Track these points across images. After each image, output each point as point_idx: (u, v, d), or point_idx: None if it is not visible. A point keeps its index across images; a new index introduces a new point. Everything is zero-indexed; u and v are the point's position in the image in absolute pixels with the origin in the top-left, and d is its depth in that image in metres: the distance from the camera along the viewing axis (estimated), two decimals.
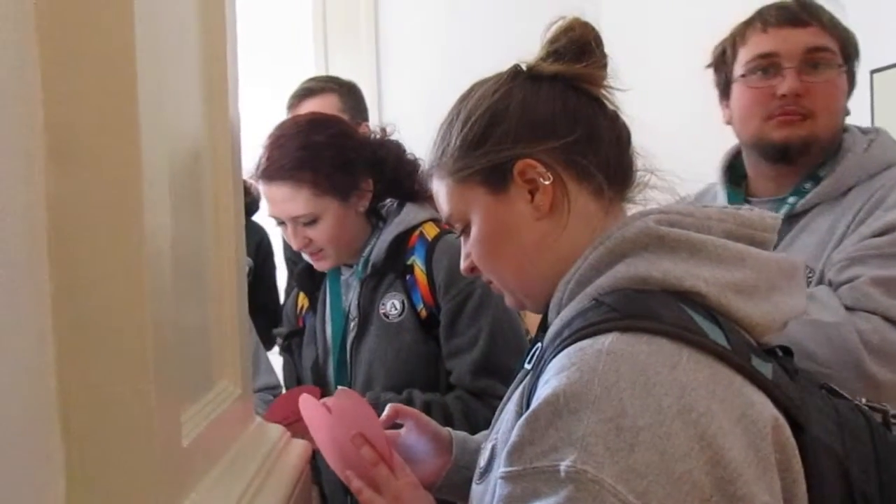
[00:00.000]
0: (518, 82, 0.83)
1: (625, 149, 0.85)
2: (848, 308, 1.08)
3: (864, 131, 1.26)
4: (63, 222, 0.51)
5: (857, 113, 2.05)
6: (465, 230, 0.85)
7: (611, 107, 0.85)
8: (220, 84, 0.77)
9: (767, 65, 1.22)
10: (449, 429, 1.05)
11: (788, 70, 1.20)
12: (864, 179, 1.20)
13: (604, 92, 0.84)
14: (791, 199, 1.23)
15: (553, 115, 0.81)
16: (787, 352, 0.82)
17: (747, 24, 1.26)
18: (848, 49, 1.22)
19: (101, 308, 0.52)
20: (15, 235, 0.47)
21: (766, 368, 0.72)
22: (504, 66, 0.87)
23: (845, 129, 1.26)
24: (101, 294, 0.52)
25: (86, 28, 0.51)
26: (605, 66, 0.84)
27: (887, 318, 1.08)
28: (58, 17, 0.50)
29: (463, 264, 0.87)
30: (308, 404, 0.99)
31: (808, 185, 1.22)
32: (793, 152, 1.21)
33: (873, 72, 2.05)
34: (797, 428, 0.70)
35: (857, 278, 1.10)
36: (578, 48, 0.82)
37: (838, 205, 1.20)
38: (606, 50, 0.85)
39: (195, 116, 0.72)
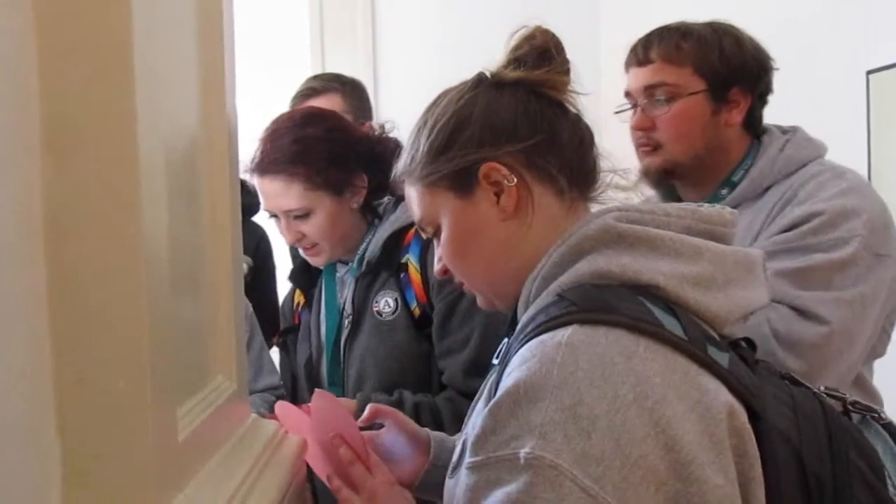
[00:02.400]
0: (482, 89, 0.87)
1: (587, 151, 0.88)
2: None
3: (783, 131, 1.31)
4: (59, 216, 0.50)
5: (853, 114, 2.07)
6: (437, 233, 0.88)
7: (573, 110, 0.88)
8: (217, 79, 0.77)
9: (631, 102, 1.33)
10: (427, 429, 1.06)
11: (637, 107, 1.30)
12: (780, 178, 1.26)
13: (567, 96, 0.87)
14: None
15: (515, 120, 0.84)
16: (751, 344, 0.85)
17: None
18: (710, 69, 1.26)
19: (97, 302, 0.52)
20: (10, 229, 0.47)
21: (723, 358, 0.75)
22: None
23: (765, 129, 1.32)
24: (97, 288, 0.52)
25: (83, 21, 0.50)
26: (566, 71, 0.87)
27: (793, 308, 1.15)
28: (55, 8, 0.50)
29: (436, 267, 0.91)
30: (285, 410, 1.01)
31: (724, 192, 1.29)
32: (663, 176, 1.30)
33: (869, 73, 2.06)
34: (753, 414, 0.73)
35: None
36: (539, 55, 0.86)
37: (755, 205, 1.26)
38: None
39: (192, 112, 0.72)
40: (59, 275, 0.50)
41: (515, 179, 0.83)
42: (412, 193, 0.89)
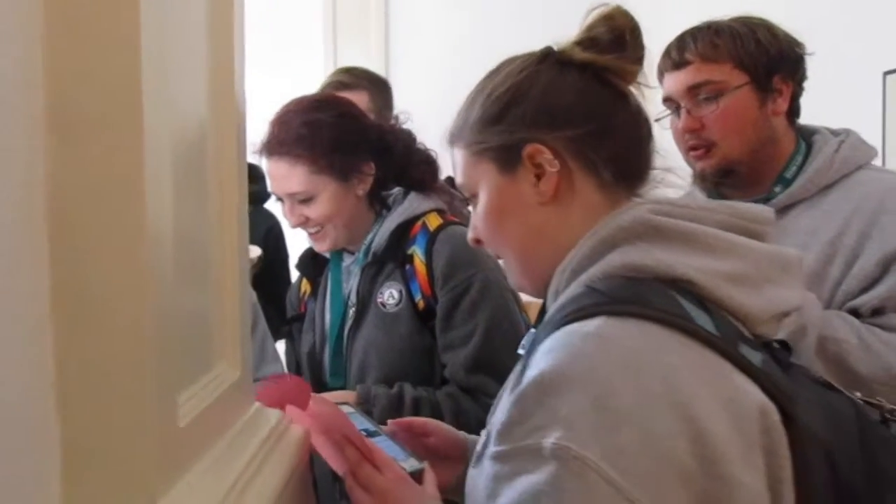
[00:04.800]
0: (546, 65, 0.84)
1: (643, 146, 0.85)
2: None
3: (834, 133, 1.31)
4: (63, 201, 0.50)
5: (869, 115, 2.05)
6: (473, 200, 0.86)
7: (636, 102, 0.85)
8: (226, 67, 0.77)
9: (673, 107, 1.31)
10: (463, 432, 1.05)
11: (682, 110, 1.29)
12: (838, 179, 1.25)
13: (631, 87, 0.84)
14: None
15: (571, 105, 0.82)
16: (786, 346, 0.83)
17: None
18: (751, 61, 1.26)
19: (99, 288, 0.51)
20: (13, 214, 0.47)
21: (756, 357, 0.73)
22: None
23: (814, 131, 1.32)
24: (100, 274, 0.51)
25: (90, 4, 0.50)
26: (638, 60, 0.84)
27: None
28: None
29: (470, 234, 0.89)
30: (297, 415, 1.01)
31: (777, 189, 1.28)
32: (722, 177, 1.29)
33: (886, 73, 2.04)
34: (785, 415, 0.71)
35: None
36: (614, 38, 0.82)
37: (817, 207, 1.26)
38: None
39: (200, 99, 0.72)
40: (62, 260, 0.50)
41: (558, 165, 0.80)
42: (458, 157, 0.88)
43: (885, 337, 1.15)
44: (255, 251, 1.96)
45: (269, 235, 2.22)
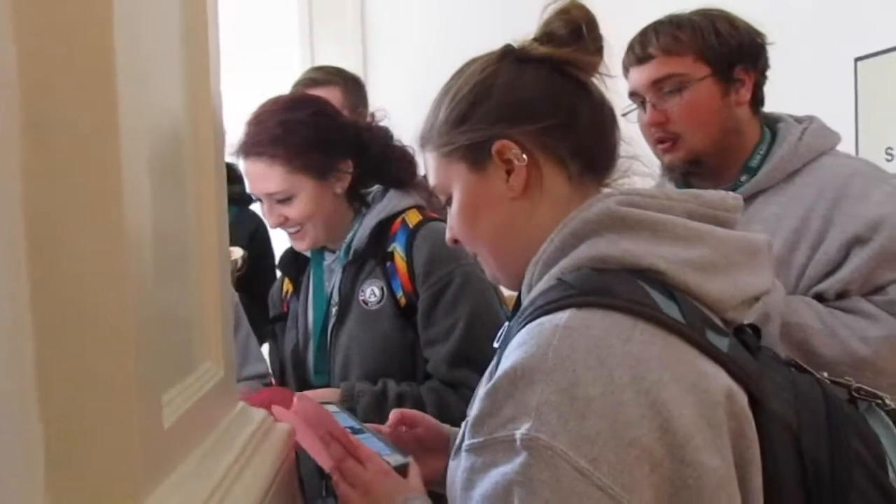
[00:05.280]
0: (506, 63, 0.85)
1: (607, 135, 0.87)
2: None
3: (798, 120, 1.33)
4: (40, 202, 0.50)
5: (841, 101, 2.07)
6: (449, 201, 0.88)
7: (598, 92, 0.86)
8: (202, 67, 0.77)
9: (638, 101, 1.32)
10: (448, 426, 1.06)
11: (648, 104, 1.30)
12: (802, 166, 1.27)
13: (593, 78, 0.85)
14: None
15: (534, 99, 0.83)
16: (756, 330, 0.86)
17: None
18: (712, 53, 1.27)
19: (80, 288, 0.51)
20: None
21: (722, 343, 0.75)
22: None
23: (779, 118, 1.34)
24: (80, 274, 0.51)
25: (63, 5, 0.50)
26: (597, 51, 0.85)
27: None
28: None
29: (447, 234, 0.91)
30: (283, 413, 1.01)
31: (744, 178, 1.30)
32: (690, 169, 1.30)
33: (857, 59, 2.06)
34: (753, 399, 0.73)
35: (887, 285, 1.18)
36: (570, 31, 0.83)
37: (782, 194, 1.28)
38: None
39: (176, 99, 0.72)
40: (41, 261, 0.50)
41: (526, 159, 0.82)
42: (429, 160, 0.89)
43: (848, 321, 1.17)
44: (238, 252, 1.95)
45: (254, 237, 2.21)
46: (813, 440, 0.74)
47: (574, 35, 0.83)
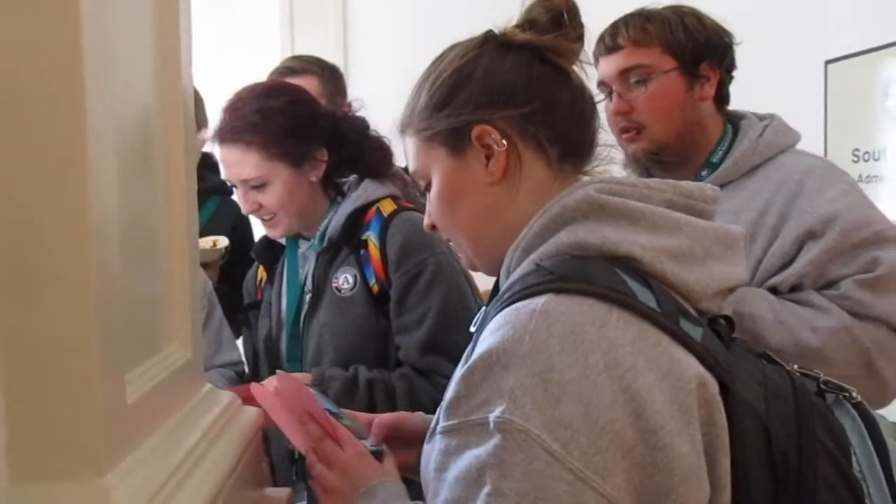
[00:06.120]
0: (487, 48, 0.86)
1: (587, 123, 0.88)
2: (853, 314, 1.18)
3: (760, 117, 1.36)
4: (5, 185, 0.51)
5: (811, 103, 2.11)
6: (428, 187, 0.88)
7: (578, 80, 0.87)
8: (172, 52, 0.77)
9: (606, 91, 1.34)
10: (421, 413, 1.07)
11: (614, 93, 1.32)
12: (762, 162, 1.30)
13: (574, 65, 0.87)
14: None
15: (514, 85, 0.84)
16: (730, 322, 0.87)
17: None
18: (679, 47, 1.30)
19: (46, 268, 0.53)
20: None
21: (696, 332, 0.76)
22: None
23: (742, 115, 1.37)
24: (45, 255, 0.52)
25: None
26: (578, 38, 0.86)
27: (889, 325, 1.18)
28: None
29: (426, 220, 0.91)
30: (260, 391, 1.02)
31: (704, 173, 1.33)
32: (652, 159, 1.32)
33: (828, 62, 2.10)
34: (724, 388, 0.74)
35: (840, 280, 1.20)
36: (551, 18, 0.85)
37: (741, 189, 1.30)
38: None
39: (145, 84, 0.72)
40: (5, 242, 0.51)
41: (506, 144, 0.83)
42: (409, 144, 0.90)
43: (798, 311, 1.19)
44: (223, 242, 1.96)
45: (236, 226, 2.21)
46: (781, 430, 0.75)
47: (555, 22, 0.85)
